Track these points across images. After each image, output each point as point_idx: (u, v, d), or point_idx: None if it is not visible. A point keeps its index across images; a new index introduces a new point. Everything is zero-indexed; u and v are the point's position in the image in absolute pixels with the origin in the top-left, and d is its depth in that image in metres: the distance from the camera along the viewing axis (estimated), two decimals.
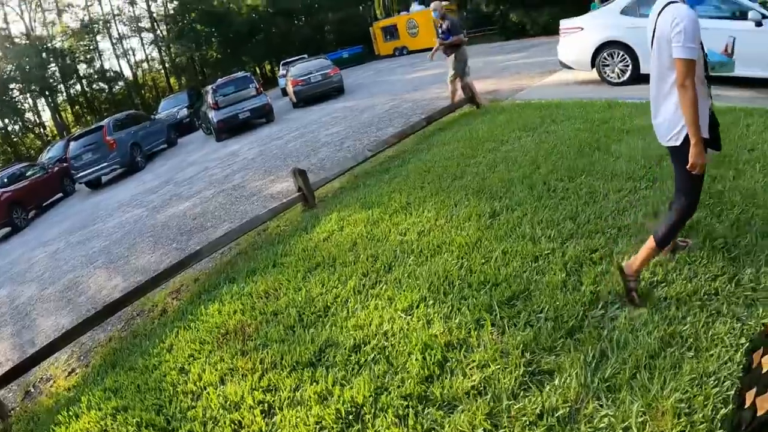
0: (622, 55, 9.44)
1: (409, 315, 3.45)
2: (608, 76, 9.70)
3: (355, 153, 8.27)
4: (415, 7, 36.21)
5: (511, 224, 4.18)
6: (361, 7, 54.58)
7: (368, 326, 3.46)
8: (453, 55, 9.62)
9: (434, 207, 4.93)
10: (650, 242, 3.04)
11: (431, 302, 3.48)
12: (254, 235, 6.09)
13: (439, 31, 9.65)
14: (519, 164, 5.59)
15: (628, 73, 9.50)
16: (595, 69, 9.80)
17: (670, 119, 2.83)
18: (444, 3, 39.07)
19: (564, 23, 10.33)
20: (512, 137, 6.69)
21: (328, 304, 3.90)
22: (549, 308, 3.11)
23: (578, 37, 9.88)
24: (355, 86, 18.89)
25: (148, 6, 49.00)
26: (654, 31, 2.82)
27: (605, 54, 9.57)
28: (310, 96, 17.96)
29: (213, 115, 16.03)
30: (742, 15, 8.60)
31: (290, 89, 18.56)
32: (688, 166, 2.76)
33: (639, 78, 9.53)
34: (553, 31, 30.56)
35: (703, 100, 2.75)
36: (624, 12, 9.44)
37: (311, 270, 4.53)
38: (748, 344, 2.58)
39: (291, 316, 3.86)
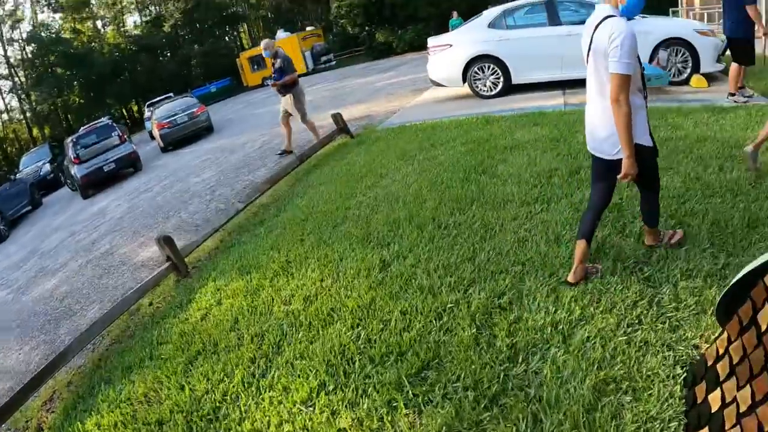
0: (493, 69, 9.83)
1: (310, 407, 3.04)
2: (480, 90, 10.08)
3: (226, 203, 7.80)
4: (280, 34, 36.57)
5: (405, 276, 3.92)
6: (227, 38, 54.14)
7: (266, 429, 3.02)
8: (290, 95, 9.45)
9: (318, 264, 4.57)
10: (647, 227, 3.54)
11: (332, 387, 3.10)
12: (126, 319, 5.44)
13: (273, 70, 9.43)
14: (403, 200, 5.42)
15: (500, 86, 9.92)
16: (466, 84, 10.12)
17: (610, 134, 2.99)
18: (308, 28, 39.15)
19: (432, 41, 10.62)
20: (392, 168, 6.56)
21: (218, 403, 3.39)
22: (465, 375, 2.85)
23: (448, 54, 10.17)
24: (224, 122, 18.30)
25: (5, 51, 45.92)
26: (590, 45, 2.95)
27: (476, 68, 9.93)
28: (177, 139, 17.29)
29: (76, 171, 14.86)
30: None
31: (156, 133, 17.93)
32: (620, 177, 2.99)
33: (510, 89, 9.93)
34: (418, 47, 31.81)
35: (641, 110, 2.97)
36: (492, 25, 9.90)
37: (192, 360, 3.98)
38: (685, 374, 2.53)
39: (178, 425, 3.32)
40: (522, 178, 5.27)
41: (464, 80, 10.11)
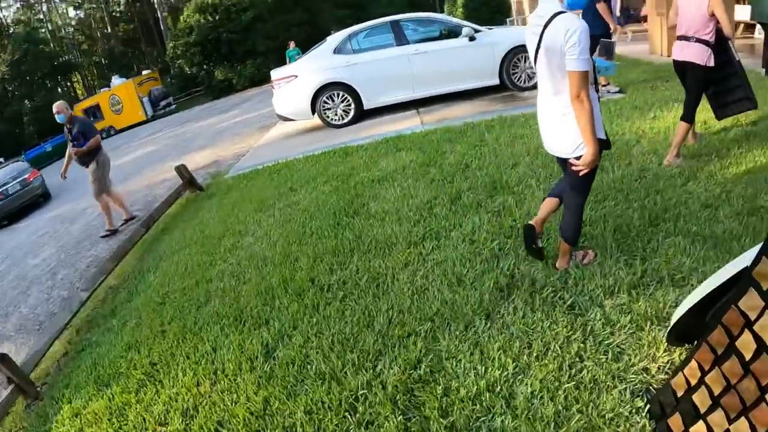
0: (343, 96, 9.55)
1: None
2: (332, 119, 9.78)
3: (70, 289, 6.67)
4: (115, 80, 34.36)
5: (297, 361, 3.32)
6: (60, 89, 49.94)
7: None
8: (93, 162, 7.88)
9: (188, 363, 3.79)
10: (564, 246, 3.44)
11: None
12: None
13: (71, 137, 7.73)
14: (272, 262, 4.81)
15: (351, 113, 9.71)
16: (316, 115, 9.76)
17: (576, 131, 2.94)
18: (144, 72, 36.87)
19: (276, 73, 10.14)
20: (251, 223, 5.93)
21: None
22: None
23: (294, 86, 9.75)
24: (62, 186, 16.29)
25: None
26: (539, 43, 2.90)
27: (325, 97, 9.60)
28: (11, 211, 15.15)
29: None
30: (452, 33, 9.48)
31: None
32: (582, 169, 2.97)
33: (363, 115, 9.68)
34: (260, 81, 31.15)
35: (596, 103, 2.97)
36: (337, 51, 9.69)
37: None
38: (648, 405, 2.35)
39: None
40: (401, 214, 4.91)
41: (314, 111, 9.75)
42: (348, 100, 9.57)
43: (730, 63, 4.76)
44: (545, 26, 2.84)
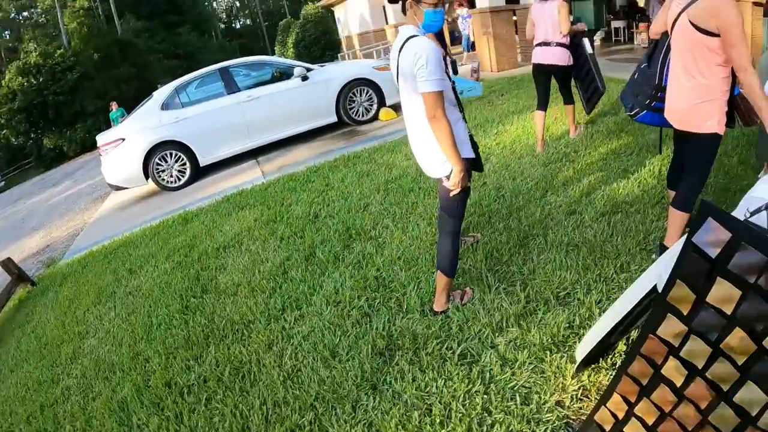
0: (177, 155, 8.71)
1: None
2: (168, 182, 8.91)
3: None
4: None
5: None
6: None
7: None
8: None
9: None
10: (442, 280, 3.23)
11: None
12: None
13: None
14: (120, 368, 4.03)
15: (187, 173, 8.94)
16: (150, 179, 8.84)
17: (436, 151, 2.87)
18: None
19: (101, 138, 9.05)
20: (92, 320, 5.03)
21: None
22: None
23: (122, 150, 8.75)
24: None
25: None
26: (398, 68, 2.86)
27: (157, 159, 8.72)
28: None
29: None
30: (284, 75, 9.03)
31: None
32: (453, 191, 2.90)
33: (200, 173, 8.98)
34: (92, 146, 29.08)
35: (459, 123, 2.92)
36: (165, 107, 8.88)
37: None
38: None
39: None
40: (254, 284, 4.34)
41: (147, 176, 8.80)
42: (182, 159, 8.77)
43: (584, 59, 5.61)
44: (399, 51, 2.78)
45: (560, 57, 5.53)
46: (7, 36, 50.13)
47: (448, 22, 20.63)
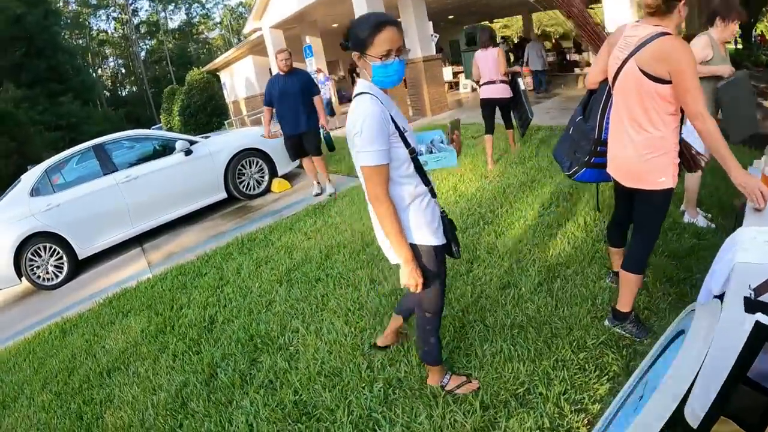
0: (52, 248, 7.53)
1: None
2: (42, 280, 7.58)
3: None
4: None
5: None
6: None
7: None
8: None
9: None
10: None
11: None
12: None
13: None
14: None
15: (65, 269, 7.66)
16: (24, 278, 7.50)
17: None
18: None
19: None
20: None
21: None
22: None
23: None
24: None
25: None
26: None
27: (29, 254, 7.42)
28: None
29: None
30: (167, 149, 8.13)
31: None
32: (404, 287, 2.39)
33: (79, 266, 7.82)
34: None
35: (424, 200, 2.39)
36: (35, 193, 7.62)
37: None
38: None
39: None
40: (147, 424, 3.49)
41: (20, 274, 7.44)
42: (59, 253, 7.51)
43: (519, 93, 7.00)
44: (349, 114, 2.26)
45: (503, 91, 6.83)
46: None
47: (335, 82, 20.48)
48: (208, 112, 24.87)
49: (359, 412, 2.93)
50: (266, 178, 8.82)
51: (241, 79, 24.22)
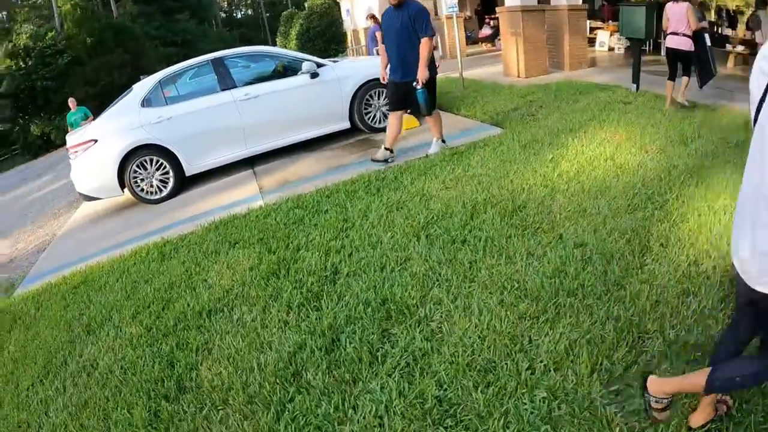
0: (158, 162, 7.15)
1: None
2: (146, 194, 7.29)
3: None
4: None
5: None
6: None
7: None
8: None
9: None
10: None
11: None
12: None
13: None
14: None
15: (170, 183, 7.31)
16: (127, 189, 7.23)
17: None
18: None
19: (71, 139, 7.38)
20: (34, 405, 3.45)
21: None
22: None
23: (94, 154, 7.12)
24: None
25: None
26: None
27: (134, 166, 7.12)
28: None
29: None
30: (289, 70, 7.47)
31: None
32: None
33: (185, 182, 7.42)
34: None
35: None
36: (146, 103, 7.21)
37: None
38: None
39: None
40: (250, 391, 2.85)
41: (123, 185, 7.18)
42: (165, 167, 7.16)
43: (703, 48, 7.08)
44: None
45: (684, 44, 7.09)
46: (4, 17, 47.91)
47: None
48: (326, 39, 24.28)
49: (518, 428, 2.22)
50: None
51: (362, 7, 23.23)
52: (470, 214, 4.25)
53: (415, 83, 5.81)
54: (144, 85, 7.33)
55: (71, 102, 13.30)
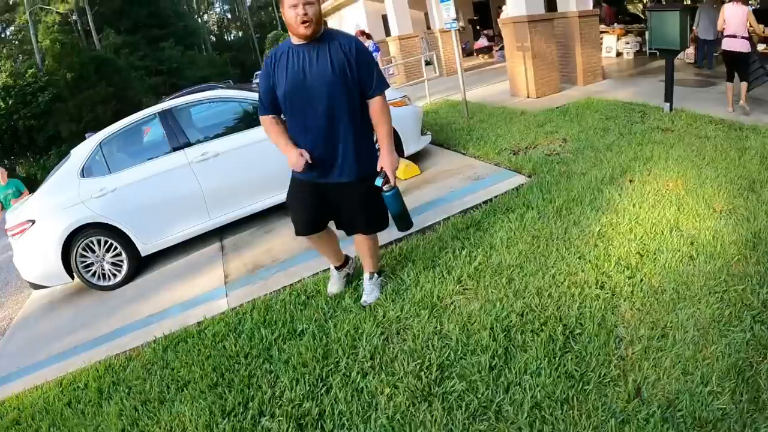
0: (108, 243, 5.94)
1: None
2: (97, 279, 6.07)
3: None
4: None
5: None
6: None
7: None
8: None
9: None
10: None
11: None
12: None
13: None
14: None
15: (124, 268, 6.08)
16: (76, 275, 6.04)
17: None
18: None
19: (10, 220, 6.12)
20: None
21: None
22: None
23: (32, 238, 5.92)
24: None
25: None
26: None
27: (80, 249, 5.90)
28: None
29: None
30: (257, 117, 6.16)
31: None
32: None
33: (142, 263, 6.22)
34: None
35: None
36: (86, 173, 6.02)
37: None
38: None
39: None
40: None
41: (71, 272, 5.97)
42: (116, 248, 5.94)
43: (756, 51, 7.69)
44: None
45: (741, 45, 7.10)
46: None
47: None
48: None
49: None
50: None
51: (351, 26, 22.13)
52: (503, 350, 2.98)
53: (380, 182, 3.34)
54: (82, 150, 6.07)
55: (0, 173, 9.88)
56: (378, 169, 3.35)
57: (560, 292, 3.37)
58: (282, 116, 3.49)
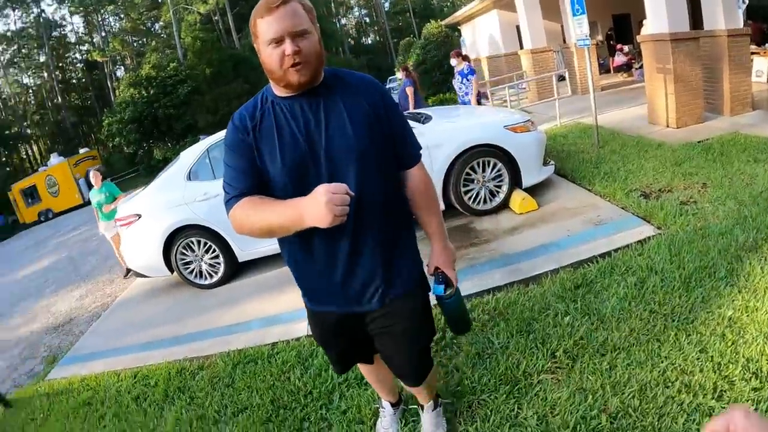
0: (207, 244, 6.10)
1: None
2: (195, 277, 6.25)
3: None
4: (53, 160, 29.76)
5: None
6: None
7: None
8: None
9: None
10: None
11: None
12: None
13: None
14: None
15: (221, 270, 6.18)
16: (175, 271, 6.29)
17: None
18: (83, 151, 32.77)
19: (121, 210, 6.53)
20: None
21: None
22: None
23: (139, 230, 6.22)
24: None
25: None
26: None
27: (181, 246, 6.10)
28: None
29: None
30: None
31: None
32: None
33: (239, 269, 6.30)
34: None
35: None
36: (192, 176, 6.17)
37: None
38: None
39: None
40: None
41: (170, 266, 6.21)
42: (214, 250, 6.06)
43: None
44: None
45: None
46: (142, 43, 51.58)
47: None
48: (444, 70, 22.79)
49: None
50: (505, 188, 6.06)
51: (483, 37, 21.65)
52: None
53: (441, 287, 2.21)
54: (190, 154, 6.27)
55: (93, 176, 8.49)
56: (430, 273, 2.23)
57: (667, 396, 2.71)
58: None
